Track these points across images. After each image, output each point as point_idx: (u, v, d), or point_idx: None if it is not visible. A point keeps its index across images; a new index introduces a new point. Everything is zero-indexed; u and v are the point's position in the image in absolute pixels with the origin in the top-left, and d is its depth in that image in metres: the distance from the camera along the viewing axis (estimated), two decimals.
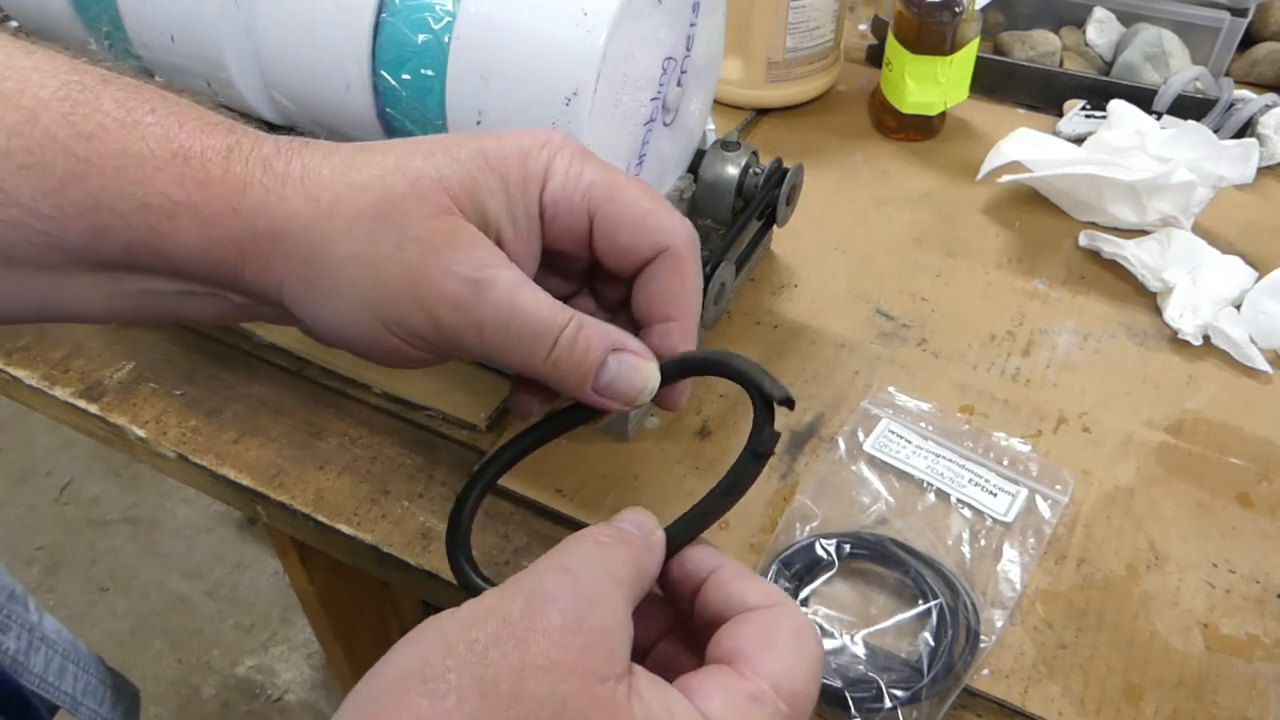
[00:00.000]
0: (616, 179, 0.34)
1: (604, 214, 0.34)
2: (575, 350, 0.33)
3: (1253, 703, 0.42)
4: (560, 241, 0.35)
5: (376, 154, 0.33)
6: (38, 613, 0.57)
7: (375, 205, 0.32)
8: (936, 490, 0.50)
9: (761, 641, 0.29)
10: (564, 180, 0.34)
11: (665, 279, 0.35)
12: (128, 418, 0.55)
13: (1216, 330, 0.58)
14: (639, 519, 0.32)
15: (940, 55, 0.71)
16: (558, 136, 0.35)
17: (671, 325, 0.36)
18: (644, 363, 0.34)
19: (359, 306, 0.32)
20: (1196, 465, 0.52)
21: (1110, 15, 0.82)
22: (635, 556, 0.30)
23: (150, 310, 0.34)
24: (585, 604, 0.27)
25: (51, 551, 1.63)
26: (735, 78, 0.76)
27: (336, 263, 0.32)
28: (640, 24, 0.45)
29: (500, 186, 0.33)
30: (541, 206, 0.34)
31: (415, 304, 0.32)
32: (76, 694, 0.57)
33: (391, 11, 0.46)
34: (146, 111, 0.32)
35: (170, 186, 0.31)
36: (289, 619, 1.52)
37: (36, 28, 0.61)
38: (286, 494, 0.51)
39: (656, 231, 0.34)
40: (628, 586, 0.29)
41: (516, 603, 0.27)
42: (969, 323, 0.60)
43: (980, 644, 0.44)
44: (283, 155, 0.33)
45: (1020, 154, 0.67)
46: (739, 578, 0.31)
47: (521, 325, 0.32)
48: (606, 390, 0.34)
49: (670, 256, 0.35)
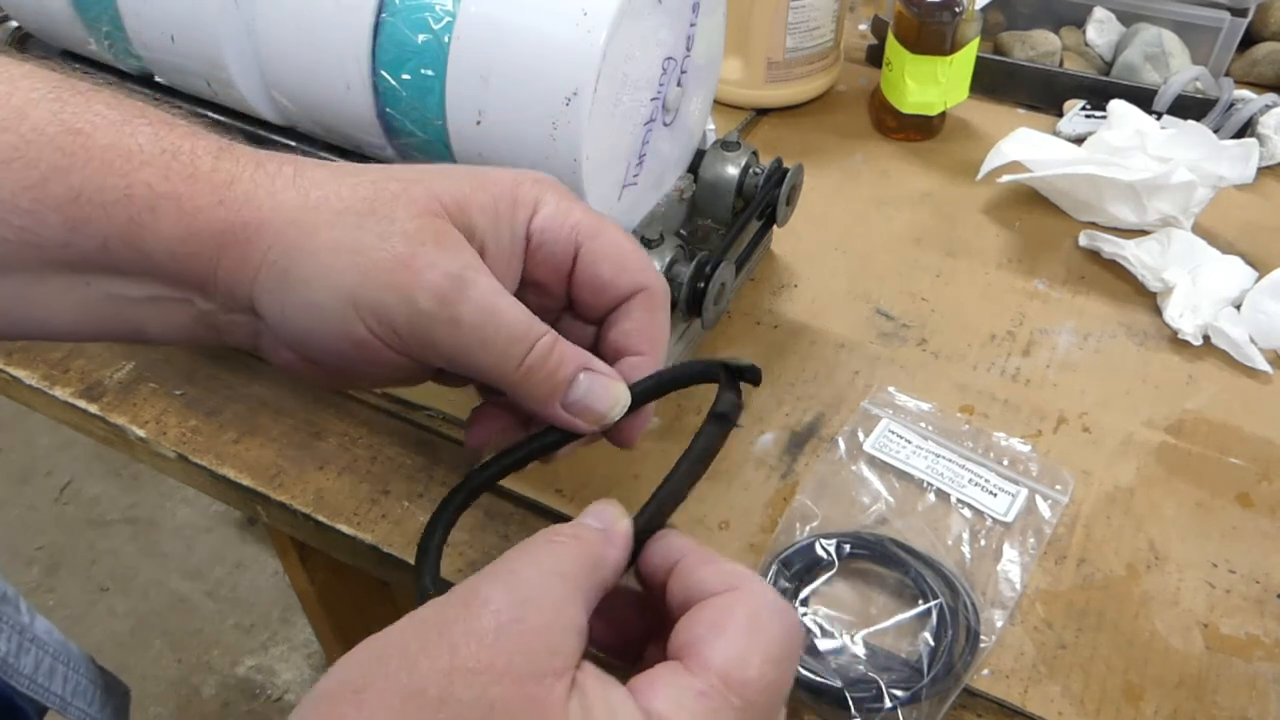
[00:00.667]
0: (602, 220, 0.36)
1: (590, 248, 0.35)
2: (549, 361, 0.33)
3: (1253, 703, 0.42)
4: (540, 271, 0.36)
5: (371, 167, 0.34)
6: (29, 614, 0.57)
7: (365, 201, 0.32)
8: (936, 490, 0.50)
9: (712, 629, 0.27)
10: (554, 212, 0.35)
11: (640, 316, 0.36)
12: (128, 418, 0.55)
13: (1216, 330, 0.58)
14: (602, 510, 0.31)
15: (940, 55, 0.71)
16: (547, 178, 0.36)
17: (642, 360, 0.36)
18: (614, 383, 0.34)
19: (333, 292, 0.32)
20: (1196, 465, 0.52)
21: (1110, 15, 0.82)
22: (588, 550, 0.29)
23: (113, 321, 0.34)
24: (522, 604, 0.26)
25: (51, 551, 1.63)
26: (735, 78, 0.76)
27: (317, 249, 0.32)
28: (640, 24, 0.45)
29: (491, 204, 0.34)
30: (529, 232, 0.35)
31: (394, 289, 0.31)
32: (66, 695, 0.57)
33: (391, 11, 0.46)
34: (138, 114, 0.32)
35: (155, 178, 0.31)
36: (289, 619, 1.52)
37: (36, 28, 0.61)
38: (286, 494, 0.51)
39: (637, 271, 0.36)
40: (578, 582, 0.28)
41: (453, 608, 0.26)
42: (969, 323, 0.60)
43: (980, 644, 0.44)
44: (275, 159, 0.33)
45: (1020, 154, 0.67)
46: (701, 563, 0.30)
47: (499, 326, 0.32)
48: (575, 407, 0.34)
49: (647, 296, 0.36)
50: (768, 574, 0.46)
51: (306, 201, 0.32)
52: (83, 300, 0.33)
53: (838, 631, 0.44)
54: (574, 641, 0.27)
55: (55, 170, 0.30)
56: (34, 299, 0.33)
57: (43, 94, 0.31)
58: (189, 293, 0.34)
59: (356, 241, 0.32)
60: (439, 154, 0.49)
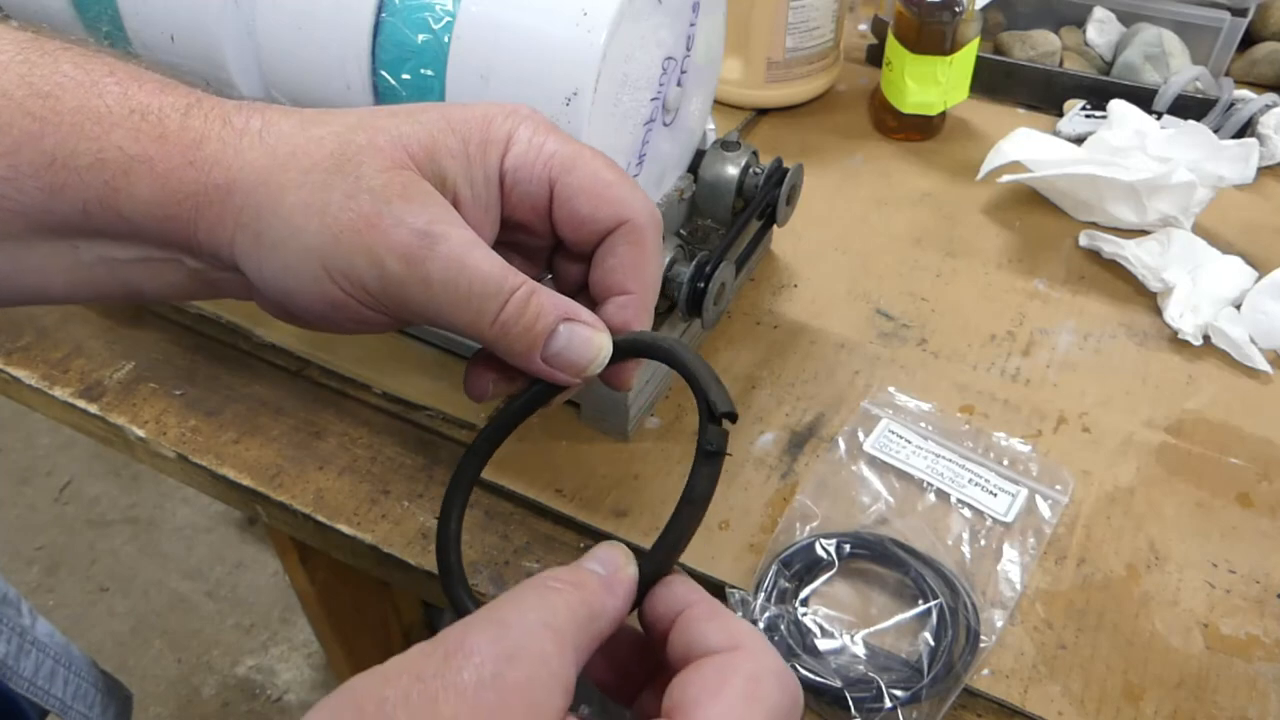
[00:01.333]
0: (580, 150, 0.34)
1: (564, 183, 0.33)
2: (526, 314, 0.32)
3: (1253, 703, 0.42)
4: (520, 211, 0.35)
5: (339, 114, 0.33)
6: (30, 616, 0.57)
7: (331, 156, 0.31)
8: (936, 490, 0.50)
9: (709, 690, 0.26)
10: (526, 148, 0.33)
11: (624, 251, 0.34)
12: (128, 418, 0.55)
13: (1216, 330, 0.58)
14: (607, 555, 0.30)
15: (940, 55, 0.71)
16: (524, 108, 0.34)
17: (628, 298, 0.35)
18: (596, 334, 0.33)
19: (305, 255, 0.31)
20: (1196, 465, 0.52)
21: (1110, 15, 0.82)
22: (585, 600, 0.28)
23: (109, 282, 0.34)
24: (506, 657, 0.25)
25: (51, 551, 1.63)
26: (735, 78, 0.76)
27: (287, 211, 0.31)
28: (640, 24, 0.45)
29: (460, 148, 0.33)
30: (502, 172, 0.34)
31: (362, 252, 0.31)
32: (66, 698, 0.57)
33: (391, 11, 0.46)
34: (105, 73, 0.32)
35: (126, 141, 0.31)
36: (289, 619, 1.52)
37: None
38: (286, 494, 0.51)
39: (617, 203, 0.34)
40: (569, 634, 0.27)
41: (435, 658, 0.26)
42: (969, 323, 0.60)
43: (980, 644, 0.44)
44: (243, 112, 0.32)
45: (1020, 154, 0.67)
46: (707, 617, 0.29)
47: (470, 282, 0.31)
48: (555, 360, 0.33)
49: (630, 229, 0.34)
50: (768, 574, 0.46)
51: (274, 160, 0.31)
52: (75, 264, 0.33)
53: (838, 631, 0.44)
54: (557, 699, 0.26)
55: (27, 136, 0.30)
56: (27, 266, 0.33)
57: (10, 56, 0.31)
58: (176, 253, 0.33)
59: (324, 202, 0.31)
60: None
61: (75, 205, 0.31)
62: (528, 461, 0.51)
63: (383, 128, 0.32)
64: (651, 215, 0.35)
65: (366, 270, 0.31)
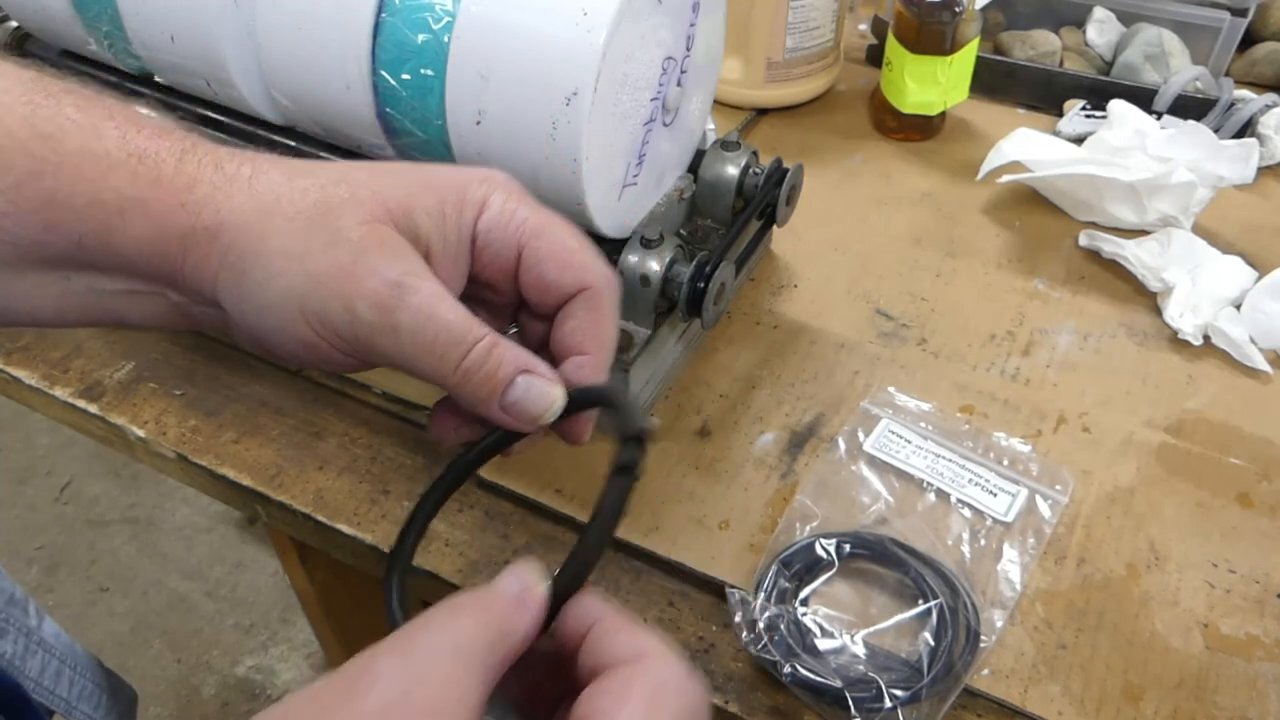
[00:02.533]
0: (549, 218, 0.36)
1: (532, 248, 0.36)
2: (488, 363, 0.33)
3: (1253, 703, 0.42)
4: (488, 270, 0.37)
5: (326, 166, 0.35)
6: (37, 616, 0.57)
7: (315, 206, 0.33)
8: (936, 490, 0.50)
9: (614, 700, 0.27)
10: (499, 213, 0.36)
11: (583, 315, 0.37)
12: (127, 418, 0.55)
13: (1216, 330, 0.58)
14: (519, 573, 0.31)
15: (940, 55, 0.71)
16: (499, 175, 0.36)
17: (585, 359, 0.37)
18: (551, 386, 0.35)
19: (283, 297, 0.33)
20: (1196, 465, 0.52)
21: (1110, 15, 0.82)
22: (493, 620, 0.29)
23: (95, 310, 0.36)
24: (413, 680, 0.26)
25: (51, 551, 1.63)
26: (735, 78, 0.76)
27: (270, 254, 0.33)
28: (640, 24, 0.45)
29: (436, 206, 0.35)
30: (475, 233, 0.36)
31: (337, 297, 0.32)
32: (71, 699, 0.57)
33: (391, 11, 0.46)
34: (105, 117, 0.33)
35: (123, 183, 0.32)
36: (289, 619, 1.52)
37: (36, 28, 0.61)
38: (286, 494, 0.51)
39: (580, 269, 0.36)
40: (475, 656, 0.27)
41: (340, 684, 0.26)
42: (969, 323, 0.60)
43: (980, 644, 0.44)
44: (235, 159, 0.34)
45: (1020, 154, 0.67)
46: (614, 630, 0.30)
47: (437, 331, 0.33)
48: (512, 408, 0.34)
49: (590, 295, 0.36)
50: (768, 574, 0.46)
51: (261, 206, 0.33)
52: (65, 293, 0.35)
53: (838, 631, 0.44)
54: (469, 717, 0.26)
55: (29, 175, 0.32)
56: (18, 292, 0.34)
57: (15, 97, 0.32)
58: (161, 287, 0.35)
59: (304, 249, 0.33)
60: (439, 154, 0.49)
61: (70, 240, 0.33)
62: (528, 461, 0.51)
63: (365, 183, 0.34)
64: (609, 281, 0.37)
65: (339, 315, 0.33)
